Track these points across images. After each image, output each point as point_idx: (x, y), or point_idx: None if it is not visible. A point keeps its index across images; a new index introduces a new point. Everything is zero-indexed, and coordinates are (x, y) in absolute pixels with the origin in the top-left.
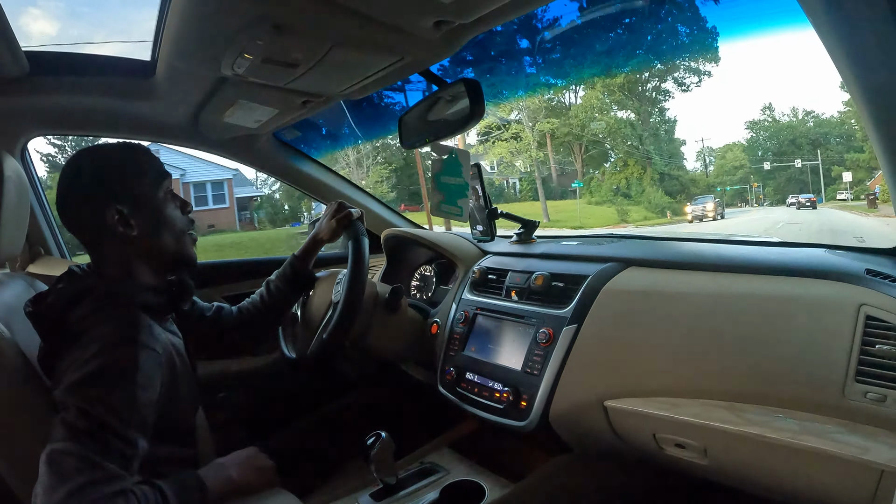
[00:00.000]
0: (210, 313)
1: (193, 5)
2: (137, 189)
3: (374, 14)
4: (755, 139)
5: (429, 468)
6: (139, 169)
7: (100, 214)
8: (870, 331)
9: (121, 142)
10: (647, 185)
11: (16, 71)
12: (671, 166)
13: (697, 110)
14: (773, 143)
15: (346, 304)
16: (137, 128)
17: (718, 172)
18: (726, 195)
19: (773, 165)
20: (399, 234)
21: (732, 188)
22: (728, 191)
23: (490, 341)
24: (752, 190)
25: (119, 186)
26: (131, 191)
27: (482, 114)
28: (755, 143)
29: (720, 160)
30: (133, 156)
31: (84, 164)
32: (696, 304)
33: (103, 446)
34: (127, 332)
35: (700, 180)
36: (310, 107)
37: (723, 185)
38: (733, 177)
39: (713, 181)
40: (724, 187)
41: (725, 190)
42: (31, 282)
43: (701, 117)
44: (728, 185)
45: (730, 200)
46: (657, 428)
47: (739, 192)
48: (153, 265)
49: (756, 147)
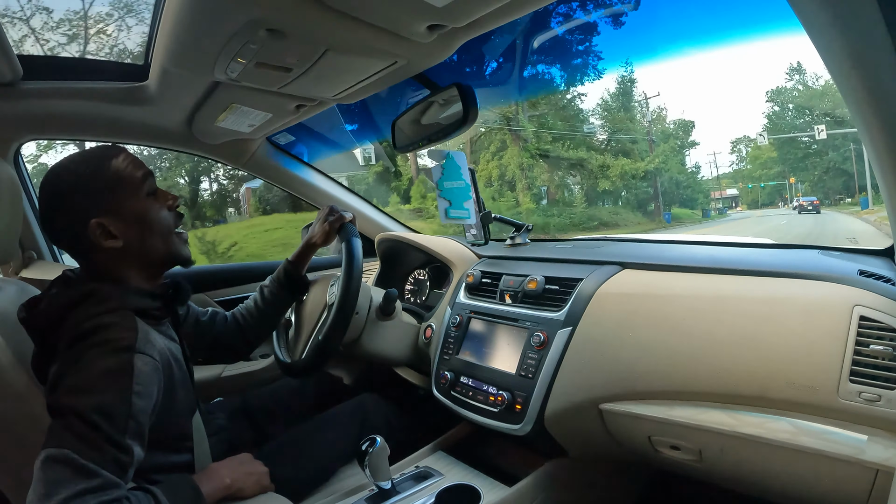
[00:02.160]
0: (205, 318)
1: (186, 9)
2: (116, 198)
3: (368, 18)
4: (780, 116)
5: (424, 472)
6: (115, 176)
7: (81, 230)
8: (863, 331)
9: (94, 148)
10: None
11: (9, 75)
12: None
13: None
14: (804, 120)
15: (339, 309)
16: (131, 132)
17: (755, 167)
18: (761, 193)
19: (791, 136)
20: (393, 238)
21: (767, 184)
22: (763, 188)
23: (484, 345)
24: (791, 187)
25: (96, 199)
26: (110, 201)
27: (475, 117)
28: (780, 121)
29: (755, 151)
30: (107, 163)
31: (58, 181)
32: (691, 306)
33: (98, 453)
34: (123, 337)
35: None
36: (303, 111)
37: (756, 180)
38: (769, 171)
39: (751, 175)
40: (759, 183)
41: (759, 187)
42: (25, 287)
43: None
44: (763, 180)
45: (767, 199)
46: (652, 430)
47: (777, 189)
48: (145, 270)
49: (781, 126)
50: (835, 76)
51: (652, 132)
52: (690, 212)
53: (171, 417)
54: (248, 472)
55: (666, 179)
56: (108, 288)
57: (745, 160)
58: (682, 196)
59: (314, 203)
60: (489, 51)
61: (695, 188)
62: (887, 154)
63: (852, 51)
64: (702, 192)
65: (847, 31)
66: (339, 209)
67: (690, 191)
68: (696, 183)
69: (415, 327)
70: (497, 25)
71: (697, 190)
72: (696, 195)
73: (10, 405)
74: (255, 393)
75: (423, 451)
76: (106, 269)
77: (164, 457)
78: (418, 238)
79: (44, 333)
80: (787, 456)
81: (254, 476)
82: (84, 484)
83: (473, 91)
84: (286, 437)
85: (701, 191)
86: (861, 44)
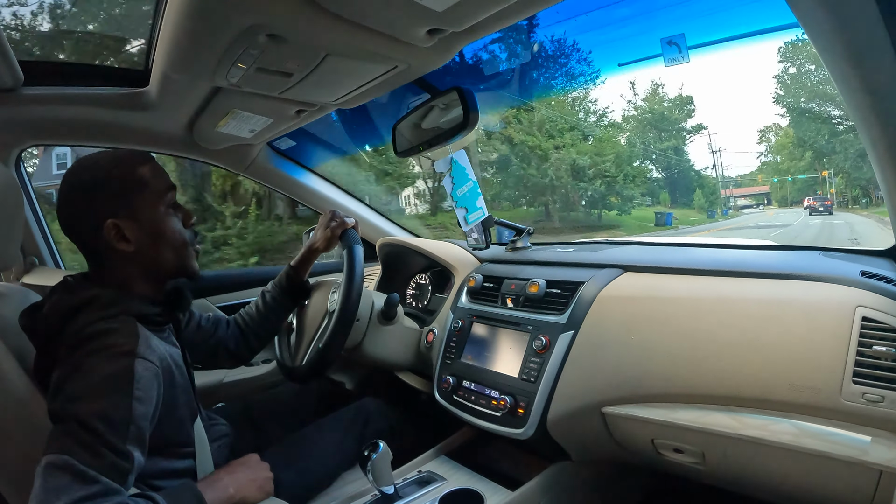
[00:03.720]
0: (206, 323)
1: (186, 15)
2: (136, 203)
3: (368, 23)
4: (797, 82)
5: (427, 477)
6: (139, 182)
7: (97, 228)
8: (866, 332)
9: (124, 151)
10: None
11: (10, 81)
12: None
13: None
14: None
15: (340, 315)
16: (132, 137)
17: (784, 158)
18: (791, 188)
19: (808, 108)
20: (394, 243)
21: (796, 178)
22: (790, 181)
23: (486, 349)
24: (825, 182)
25: (117, 201)
26: (130, 205)
27: (476, 121)
28: (799, 89)
29: (782, 138)
30: (134, 168)
31: (83, 175)
32: (693, 308)
33: (97, 460)
34: (123, 343)
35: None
36: (304, 116)
37: (782, 174)
38: (798, 163)
39: (777, 168)
40: (786, 177)
41: (786, 181)
42: (26, 293)
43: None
44: (793, 173)
45: (796, 196)
46: (655, 433)
47: (810, 184)
48: (152, 278)
49: (800, 99)
50: (835, 76)
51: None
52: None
53: (172, 423)
54: (252, 479)
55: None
56: (109, 294)
57: (772, 150)
58: (686, 192)
59: (316, 208)
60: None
61: (704, 186)
62: (887, 154)
63: (852, 51)
64: (705, 189)
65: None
66: (342, 215)
67: (697, 188)
68: (701, 179)
69: (417, 332)
70: (496, 29)
71: (699, 186)
72: (697, 193)
73: (11, 411)
74: (257, 398)
75: (425, 456)
76: (112, 272)
77: (166, 463)
78: (420, 242)
79: (45, 339)
80: (790, 458)
81: (257, 482)
82: (83, 490)
83: (474, 95)
84: (288, 442)
85: (705, 187)
86: (861, 44)
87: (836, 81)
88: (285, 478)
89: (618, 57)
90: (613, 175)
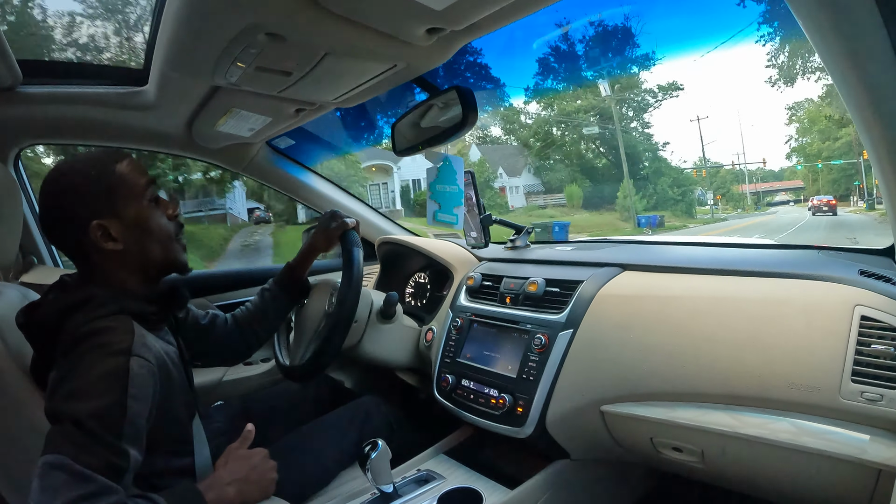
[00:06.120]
0: (205, 321)
1: (186, 14)
2: (118, 202)
3: (367, 22)
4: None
5: (426, 476)
6: (119, 180)
7: (82, 232)
8: (864, 331)
9: (99, 151)
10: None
11: (9, 80)
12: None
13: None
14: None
15: (339, 314)
16: (131, 136)
17: (814, 139)
18: (824, 179)
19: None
20: (393, 242)
21: (829, 164)
22: (820, 168)
23: (485, 348)
24: (862, 173)
25: (99, 202)
26: (112, 205)
27: (475, 121)
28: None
29: (811, 112)
30: (111, 167)
31: (62, 181)
32: (692, 307)
33: (93, 459)
34: (118, 340)
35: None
36: (303, 115)
37: (811, 160)
38: (833, 144)
39: (806, 151)
40: (815, 164)
41: (816, 168)
42: (25, 292)
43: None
44: (825, 157)
45: (831, 188)
46: (654, 432)
47: (847, 174)
48: (143, 275)
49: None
50: (835, 76)
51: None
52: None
53: (170, 421)
54: (255, 480)
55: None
56: (105, 292)
57: (804, 132)
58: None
59: (315, 208)
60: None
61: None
62: (887, 154)
63: (852, 51)
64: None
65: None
66: (343, 215)
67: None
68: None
69: (416, 330)
70: (496, 28)
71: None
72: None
73: (9, 411)
74: (256, 397)
75: (424, 455)
76: (104, 273)
77: (165, 461)
78: (419, 241)
79: (42, 338)
80: (789, 456)
81: (259, 483)
82: (79, 490)
83: (473, 94)
84: (287, 440)
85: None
86: (861, 44)
87: (836, 81)
88: (284, 476)
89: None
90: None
